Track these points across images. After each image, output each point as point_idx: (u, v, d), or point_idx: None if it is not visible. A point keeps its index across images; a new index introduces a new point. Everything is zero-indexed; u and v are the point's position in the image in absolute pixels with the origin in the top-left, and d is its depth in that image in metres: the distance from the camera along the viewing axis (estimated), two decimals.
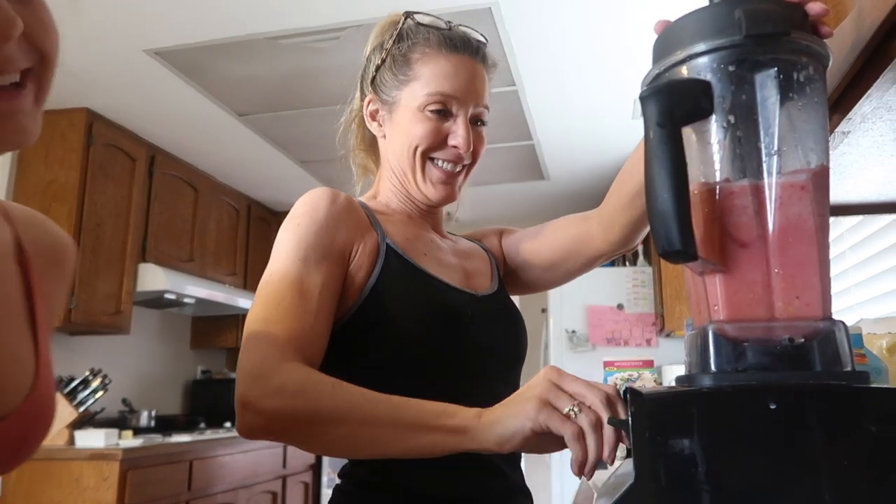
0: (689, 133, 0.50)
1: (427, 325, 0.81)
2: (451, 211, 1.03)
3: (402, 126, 0.89)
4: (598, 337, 4.13)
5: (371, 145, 0.99)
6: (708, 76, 0.49)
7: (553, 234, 1.00)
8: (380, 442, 0.66)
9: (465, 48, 0.90)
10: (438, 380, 0.82)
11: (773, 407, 0.44)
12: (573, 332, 4.14)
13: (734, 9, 0.48)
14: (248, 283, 4.06)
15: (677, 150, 0.47)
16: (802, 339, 0.46)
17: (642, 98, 0.49)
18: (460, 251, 0.97)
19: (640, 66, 2.48)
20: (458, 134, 0.88)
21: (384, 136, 0.93)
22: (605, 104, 2.93)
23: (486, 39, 0.94)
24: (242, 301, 3.77)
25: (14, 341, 0.53)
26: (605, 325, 4.15)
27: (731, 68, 0.49)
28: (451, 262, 0.92)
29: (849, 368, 0.46)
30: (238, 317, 4.02)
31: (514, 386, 0.92)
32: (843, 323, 0.48)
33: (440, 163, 0.89)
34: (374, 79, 0.93)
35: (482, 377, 0.85)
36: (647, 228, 0.96)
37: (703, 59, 0.50)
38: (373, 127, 0.94)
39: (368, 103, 0.94)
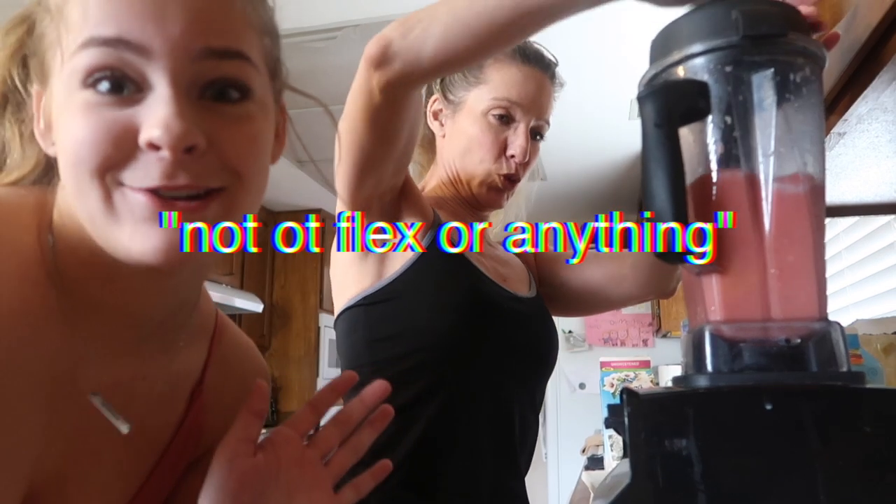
0: (686, 133, 0.50)
1: (462, 311, 0.82)
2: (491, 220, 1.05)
3: (463, 128, 0.92)
4: (594, 337, 4.14)
5: (428, 143, 1.01)
6: (705, 77, 0.50)
7: (588, 268, 0.99)
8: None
9: (537, 62, 0.93)
10: (463, 368, 0.82)
11: (768, 407, 0.44)
12: (570, 332, 4.15)
13: (731, 9, 0.48)
14: (245, 283, 4.05)
15: (675, 150, 0.47)
16: (798, 340, 0.47)
17: (640, 98, 0.49)
18: (497, 257, 0.98)
19: (637, 66, 2.48)
20: (516, 144, 0.90)
21: (444, 136, 0.96)
22: (602, 104, 2.94)
23: (556, 61, 0.97)
24: (239, 301, 3.77)
25: (102, 477, 0.50)
26: (602, 325, 4.16)
27: (728, 69, 0.49)
28: (488, 265, 0.92)
29: (844, 369, 0.47)
30: (235, 317, 4.01)
31: (539, 393, 0.92)
32: (838, 324, 0.48)
33: (497, 173, 0.91)
34: (443, 78, 0.95)
35: (509, 375, 0.85)
36: (679, 274, 0.96)
37: (700, 60, 0.50)
38: (434, 125, 0.97)
39: (433, 102, 0.96)
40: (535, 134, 0.94)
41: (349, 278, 0.86)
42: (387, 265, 0.83)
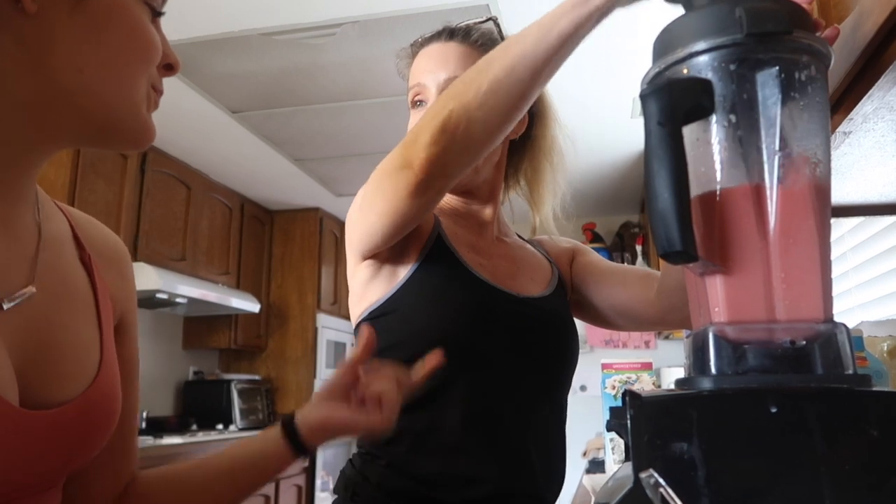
0: (689, 132, 0.50)
1: (457, 320, 0.82)
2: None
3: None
4: (596, 339, 4.13)
5: None
6: (709, 75, 0.49)
7: (615, 289, 0.98)
8: (531, 57, 0.68)
9: (432, 40, 0.93)
10: (464, 375, 0.81)
11: (773, 410, 0.43)
12: None
13: (735, 7, 0.47)
14: (241, 282, 4.04)
15: (678, 149, 0.47)
16: (804, 342, 0.46)
17: (643, 96, 0.48)
18: (505, 254, 0.96)
19: (639, 64, 2.48)
20: None
21: None
22: (604, 102, 2.93)
23: (464, 25, 0.94)
24: (235, 301, 3.76)
25: (81, 330, 0.56)
26: None
27: (732, 67, 0.48)
28: (490, 265, 0.91)
29: (850, 371, 0.46)
30: (231, 317, 4.00)
31: (559, 392, 0.91)
32: (844, 325, 0.47)
33: None
34: None
35: (519, 379, 0.85)
36: None
37: (704, 58, 0.49)
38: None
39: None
40: None
41: (365, 291, 0.88)
42: (394, 278, 0.85)
